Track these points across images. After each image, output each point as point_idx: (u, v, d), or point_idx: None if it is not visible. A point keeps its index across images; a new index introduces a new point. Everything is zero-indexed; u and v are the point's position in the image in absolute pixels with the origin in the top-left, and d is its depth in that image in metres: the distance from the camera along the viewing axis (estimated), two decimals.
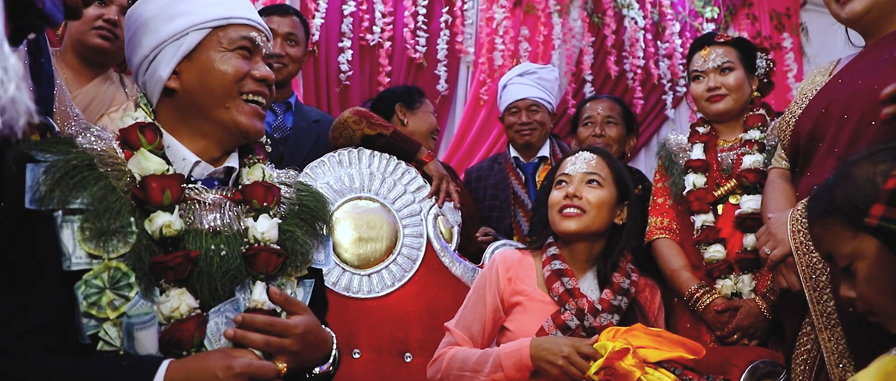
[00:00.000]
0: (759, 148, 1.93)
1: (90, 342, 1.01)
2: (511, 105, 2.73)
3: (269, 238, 1.14)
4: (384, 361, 1.84)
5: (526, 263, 1.68)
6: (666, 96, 4.38)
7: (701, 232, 1.93)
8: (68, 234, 1.01)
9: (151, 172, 1.08)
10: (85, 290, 1.00)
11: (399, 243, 1.97)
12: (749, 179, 1.89)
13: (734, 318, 1.82)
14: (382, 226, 1.96)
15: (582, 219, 1.61)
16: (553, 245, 1.66)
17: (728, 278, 1.88)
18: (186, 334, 1.03)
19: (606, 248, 1.65)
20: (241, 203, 1.17)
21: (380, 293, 1.91)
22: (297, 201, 1.25)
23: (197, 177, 1.16)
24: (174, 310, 1.03)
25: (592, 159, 1.68)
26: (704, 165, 1.99)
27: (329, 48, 3.69)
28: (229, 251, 1.11)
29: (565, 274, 1.60)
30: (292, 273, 1.19)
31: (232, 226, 1.14)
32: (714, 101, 1.99)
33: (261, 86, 1.19)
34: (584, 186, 1.64)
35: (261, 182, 1.19)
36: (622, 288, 1.60)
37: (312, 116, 2.56)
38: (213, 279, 1.09)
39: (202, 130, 1.16)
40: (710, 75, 1.99)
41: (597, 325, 1.54)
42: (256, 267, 1.12)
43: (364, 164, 2.03)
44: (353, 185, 1.99)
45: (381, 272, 1.93)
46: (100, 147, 1.09)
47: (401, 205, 2.00)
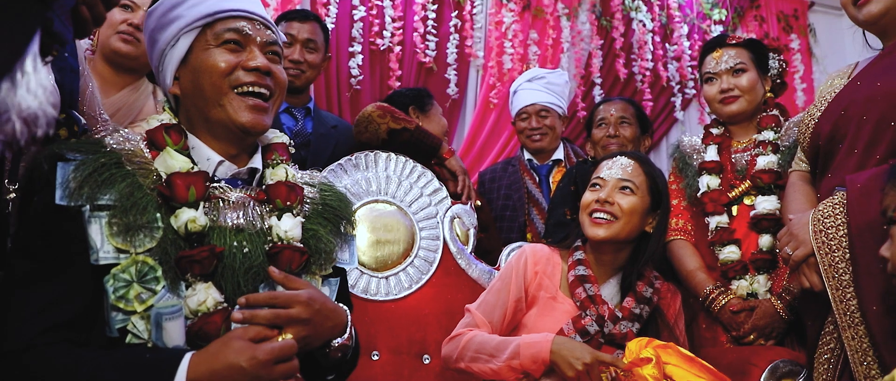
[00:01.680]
0: (773, 149, 1.93)
1: (118, 335, 1.03)
2: (521, 111, 2.78)
3: (292, 237, 1.15)
4: (403, 363, 1.85)
5: (553, 261, 1.68)
6: (675, 98, 4.39)
7: (715, 233, 1.93)
8: (96, 229, 1.03)
9: (177, 169, 1.10)
10: (113, 283, 1.02)
11: (416, 246, 1.98)
12: (764, 179, 1.89)
13: (750, 318, 1.83)
14: (399, 229, 1.98)
15: (611, 226, 1.60)
16: (580, 249, 1.67)
17: (743, 278, 1.88)
18: (213, 327, 1.05)
19: (633, 255, 1.65)
20: (264, 203, 1.18)
21: (397, 296, 1.92)
22: (320, 201, 1.26)
23: (221, 177, 1.18)
24: (201, 304, 1.05)
25: (629, 165, 1.67)
26: (718, 167, 2.00)
27: (340, 53, 3.70)
28: (252, 249, 1.13)
29: (588, 280, 1.60)
30: (317, 272, 1.20)
31: (255, 224, 1.15)
32: (727, 102, 1.99)
33: (254, 76, 1.16)
34: (618, 192, 1.63)
35: (284, 182, 1.20)
36: (644, 297, 1.60)
37: (330, 121, 2.59)
38: (237, 275, 1.10)
39: (212, 131, 1.18)
40: (722, 77, 1.99)
41: (616, 332, 1.55)
42: (280, 265, 1.13)
43: (381, 167, 2.04)
44: (371, 188, 2.00)
45: (398, 275, 1.94)
46: (127, 147, 1.12)
47: (417, 208, 2.02)
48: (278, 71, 1.21)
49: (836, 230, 1.41)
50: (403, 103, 2.39)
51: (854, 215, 1.37)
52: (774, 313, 1.81)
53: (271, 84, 1.19)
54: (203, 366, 0.99)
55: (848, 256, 1.39)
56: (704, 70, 2.05)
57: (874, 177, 1.36)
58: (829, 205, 1.46)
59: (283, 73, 1.23)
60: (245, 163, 1.21)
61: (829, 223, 1.43)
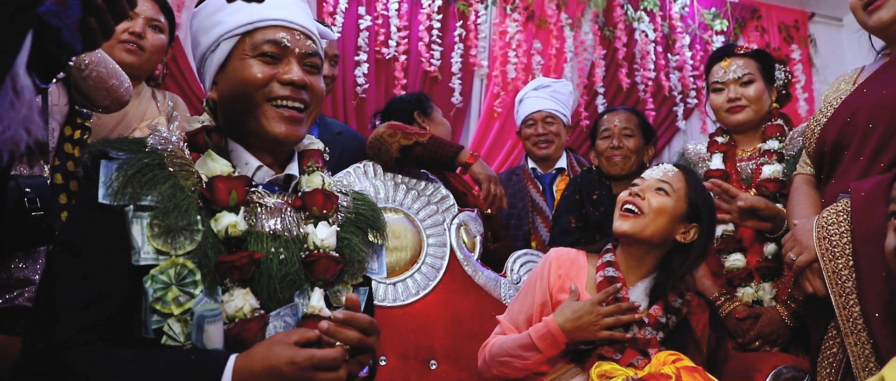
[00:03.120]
0: (778, 158, 1.96)
1: (154, 336, 1.02)
2: (527, 118, 2.81)
3: (328, 245, 1.15)
4: (410, 368, 1.86)
5: (579, 264, 1.69)
6: (677, 108, 4.42)
7: (721, 241, 1.95)
8: (138, 229, 1.04)
9: (218, 173, 1.11)
10: (152, 284, 1.02)
11: (423, 253, 2.00)
12: (769, 188, 1.91)
13: (756, 325, 1.85)
14: (407, 236, 2.00)
15: (636, 221, 1.59)
16: (610, 252, 1.67)
17: (748, 285, 1.90)
18: (250, 334, 1.05)
19: (663, 262, 1.64)
20: (300, 210, 1.18)
21: (405, 302, 1.94)
22: (353, 210, 1.26)
23: (258, 182, 1.18)
24: (238, 310, 1.05)
25: (671, 171, 1.67)
26: (724, 175, 2.02)
27: (345, 62, 3.74)
28: (288, 256, 1.13)
29: (616, 281, 1.60)
30: (349, 281, 1.21)
31: (291, 231, 1.15)
32: (734, 112, 2.01)
33: (289, 89, 1.14)
34: (652, 191, 1.63)
35: (321, 190, 1.20)
36: (672, 307, 1.60)
37: (335, 128, 2.61)
38: (273, 282, 1.10)
39: (247, 139, 1.18)
40: (730, 87, 2.01)
41: (639, 336, 1.55)
42: (315, 274, 1.14)
43: (389, 175, 2.07)
44: (378, 196, 2.02)
45: (405, 281, 1.97)
46: (169, 148, 1.12)
47: (424, 215, 2.04)
48: (316, 82, 1.19)
49: (840, 238, 1.43)
50: (406, 110, 2.41)
51: (858, 223, 1.38)
52: (779, 321, 1.83)
53: (307, 97, 1.17)
54: (246, 369, 0.99)
55: (851, 263, 1.40)
56: (712, 79, 2.07)
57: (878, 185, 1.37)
58: (833, 212, 1.47)
59: (320, 84, 1.21)
60: (281, 169, 1.21)
61: (833, 230, 1.44)
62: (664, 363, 1.43)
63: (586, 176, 2.38)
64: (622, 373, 1.43)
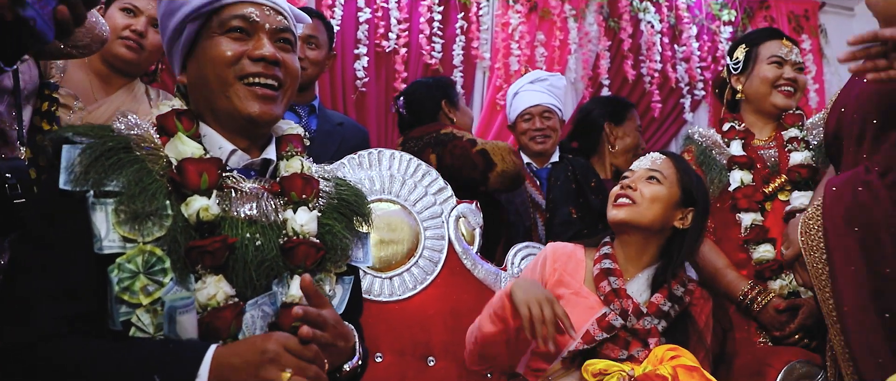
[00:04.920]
0: (805, 145, 1.91)
1: (122, 329, 0.98)
2: (524, 112, 2.73)
3: (308, 231, 1.12)
4: (407, 365, 1.81)
5: (576, 257, 1.66)
6: (684, 100, 4.34)
7: (750, 231, 1.88)
8: (101, 216, 0.99)
9: (188, 156, 1.06)
10: (118, 274, 0.98)
11: (420, 246, 1.94)
12: (802, 174, 1.86)
13: (795, 318, 1.77)
14: (403, 228, 1.94)
15: (631, 209, 1.59)
16: (607, 244, 1.65)
17: (780, 277, 1.83)
18: (223, 322, 1.01)
19: (663, 250, 1.62)
20: (279, 195, 1.14)
21: (401, 296, 1.88)
22: (336, 196, 1.22)
23: (233, 166, 1.14)
24: (211, 297, 1.01)
25: (659, 159, 1.68)
26: (750, 162, 1.95)
27: (345, 55, 3.68)
28: (265, 242, 1.09)
29: (613, 273, 1.58)
30: (331, 269, 1.17)
31: (269, 216, 1.11)
32: (787, 94, 1.96)
33: (261, 66, 1.10)
34: (643, 181, 1.63)
35: (300, 174, 1.16)
36: (675, 295, 1.56)
37: (336, 119, 2.56)
38: (249, 269, 1.06)
39: (221, 122, 1.13)
40: (787, 66, 1.96)
41: (639, 327, 1.50)
42: (295, 261, 1.10)
43: (384, 165, 2.01)
44: (374, 187, 1.97)
45: (402, 275, 1.91)
46: (137, 132, 1.08)
47: (422, 207, 1.98)
48: (289, 60, 1.15)
49: (817, 231, 1.44)
50: (433, 98, 2.33)
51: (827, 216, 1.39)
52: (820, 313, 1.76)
53: (281, 74, 1.13)
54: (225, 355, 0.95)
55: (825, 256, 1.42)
56: (768, 52, 1.99)
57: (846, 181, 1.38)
58: (815, 206, 1.48)
59: (294, 62, 1.17)
60: (258, 154, 1.17)
61: (812, 224, 1.46)
62: (661, 361, 1.37)
63: (578, 163, 2.29)
64: (617, 371, 1.37)
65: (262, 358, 0.92)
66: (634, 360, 1.48)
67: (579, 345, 1.50)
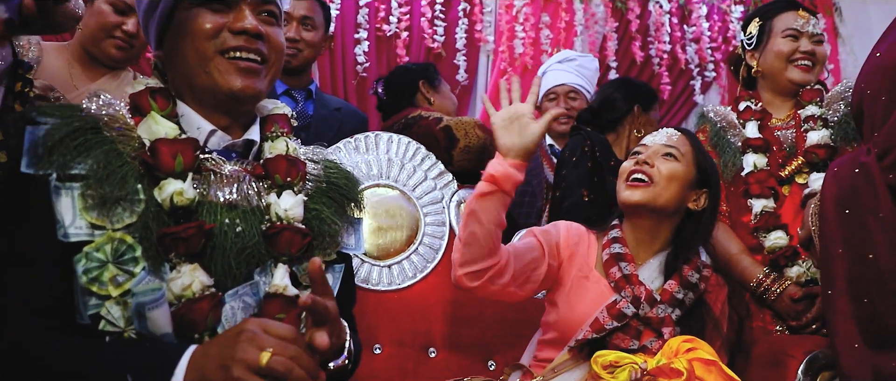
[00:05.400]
0: (823, 123, 1.80)
1: (90, 322, 0.92)
2: (549, 91, 2.69)
3: (292, 216, 1.05)
4: (406, 356, 1.73)
5: (588, 240, 1.57)
6: (694, 82, 4.25)
7: (760, 218, 1.78)
8: (67, 201, 0.93)
9: (162, 136, 0.99)
10: (85, 263, 0.91)
11: (420, 233, 1.86)
12: (820, 155, 1.76)
13: (812, 306, 1.68)
14: (402, 214, 1.86)
15: (648, 190, 1.49)
16: (616, 227, 1.55)
17: (796, 264, 1.74)
18: (199, 314, 0.94)
19: (677, 233, 1.53)
20: (262, 178, 1.08)
21: (401, 285, 1.80)
22: (325, 179, 1.16)
23: (213, 148, 1.07)
24: (186, 288, 0.94)
25: (675, 135, 1.58)
26: (765, 144, 1.85)
27: (345, 39, 3.64)
28: (246, 228, 1.02)
29: (624, 259, 1.48)
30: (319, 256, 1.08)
31: (251, 201, 1.04)
32: (804, 69, 1.85)
33: (243, 39, 1.03)
34: (660, 157, 1.53)
35: (284, 156, 1.09)
36: (689, 282, 1.46)
37: (333, 103, 2.49)
38: (228, 257, 0.99)
39: (200, 100, 1.06)
40: (803, 39, 1.85)
41: (652, 316, 1.42)
42: (279, 248, 1.04)
43: (382, 149, 1.92)
44: (371, 172, 1.88)
45: (401, 263, 1.83)
46: (108, 112, 1.01)
47: (421, 192, 1.90)
48: (274, 34, 1.08)
49: None
50: (412, 79, 2.26)
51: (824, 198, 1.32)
52: None
53: (265, 49, 1.06)
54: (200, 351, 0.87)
55: None
56: (784, 25, 1.88)
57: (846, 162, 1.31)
58: None
59: (279, 36, 1.10)
60: (240, 135, 1.10)
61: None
62: (676, 353, 1.28)
63: (598, 138, 2.15)
64: (629, 363, 1.28)
65: (238, 339, 0.85)
66: (647, 351, 1.39)
67: (588, 334, 1.41)
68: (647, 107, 2.37)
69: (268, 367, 0.82)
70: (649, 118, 2.37)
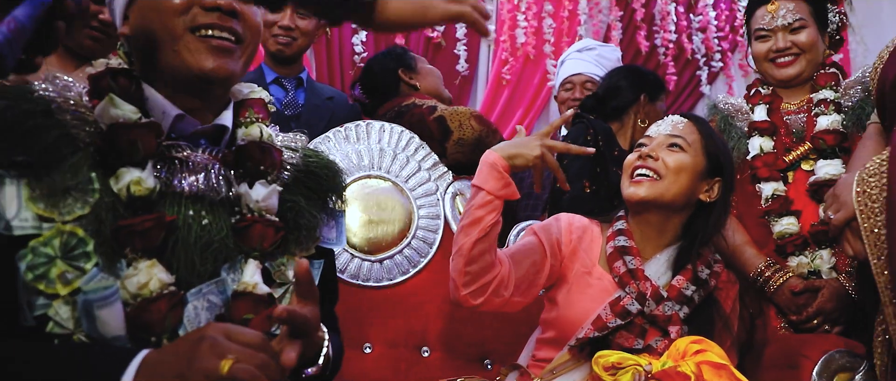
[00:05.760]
0: (835, 108, 1.70)
1: (36, 324, 0.84)
2: (566, 80, 2.66)
3: (265, 208, 0.97)
4: (399, 356, 1.65)
5: (592, 233, 1.47)
6: (700, 72, 4.17)
7: (771, 202, 1.68)
8: (11, 191, 0.84)
9: (120, 120, 0.91)
10: (31, 259, 0.83)
11: (413, 226, 1.77)
12: (827, 141, 1.65)
13: (814, 300, 1.59)
14: (394, 207, 1.78)
15: (654, 185, 1.39)
16: (621, 219, 1.46)
17: (802, 254, 1.65)
18: (156, 315, 0.86)
19: (686, 227, 1.44)
20: (233, 167, 1.00)
21: (393, 281, 1.72)
22: (303, 168, 1.08)
23: (180, 134, 0.99)
24: (142, 286, 0.86)
25: (680, 123, 1.47)
26: (772, 127, 1.76)
27: (342, 29, 3.56)
28: (214, 221, 0.95)
29: (629, 252, 1.39)
30: (295, 251, 1.03)
31: (220, 191, 0.96)
32: (783, 65, 1.76)
33: (215, 16, 0.95)
34: (665, 149, 1.43)
35: (258, 142, 1.01)
36: (699, 278, 1.37)
37: (326, 92, 2.41)
38: (192, 252, 0.91)
39: (167, 82, 0.98)
40: (777, 34, 1.75)
41: (658, 314, 1.33)
42: (249, 242, 0.96)
43: (373, 139, 1.84)
44: (362, 162, 1.80)
45: (394, 258, 1.74)
46: (63, 95, 0.92)
47: (414, 183, 1.81)
48: (249, 13, 1.00)
49: (881, 191, 1.23)
50: (390, 69, 2.16)
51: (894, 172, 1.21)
52: (844, 295, 1.57)
53: (239, 28, 0.98)
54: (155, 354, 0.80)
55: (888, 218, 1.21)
56: (755, 26, 1.80)
57: None
58: (877, 162, 1.27)
59: (255, 15, 1.02)
60: (211, 121, 1.02)
61: (874, 183, 1.24)
62: (684, 356, 1.19)
63: (601, 126, 2.05)
64: (632, 365, 1.20)
65: (198, 345, 0.76)
66: (652, 351, 1.31)
67: (589, 332, 1.33)
68: (654, 96, 2.27)
69: (229, 375, 0.74)
70: (655, 109, 2.28)
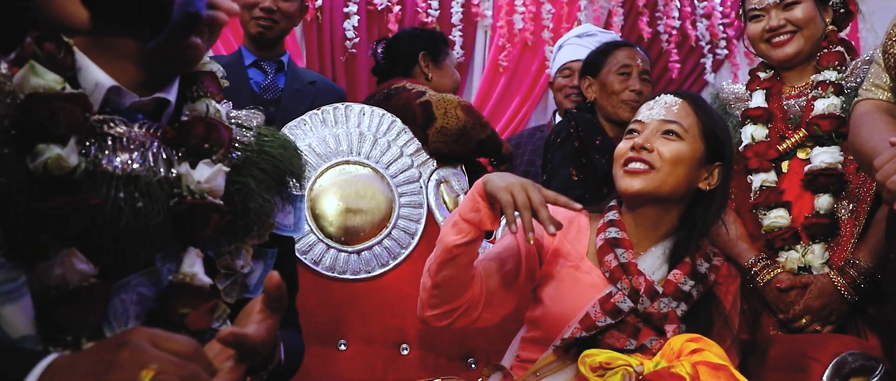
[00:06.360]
0: (835, 90, 1.57)
1: None
2: (563, 66, 2.56)
3: (208, 189, 0.87)
4: (375, 354, 1.55)
5: (579, 225, 1.35)
6: (705, 59, 4.02)
7: (760, 194, 1.58)
8: None
9: (41, 90, 0.80)
10: None
11: (394, 215, 1.66)
12: (823, 127, 1.53)
13: (802, 297, 1.49)
14: (374, 195, 1.67)
15: (649, 177, 1.27)
16: (613, 209, 1.34)
17: (793, 249, 1.54)
18: (73, 312, 0.77)
19: (684, 217, 1.32)
20: (174, 145, 0.89)
21: (371, 274, 1.62)
22: (256, 148, 0.98)
23: (116, 108, 0.88)
24: (57, 278, 0.76)
25: (675, 104, 1.33)
26: (766, 115, 1.64)
27: (333, 13, 3.44)
28: (149, 204, 0.84)
29: (621, 245, 1.27)
30: (245, 239, 0.93)
31: (157, 171, 0.86)
32: (778, 45, 1.63)
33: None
34: (659, 136, 1.29)
35: (203, 118, 0.91)
36: (698, 272, 1.26)
37: (308, 77, 2.34)
38: (121, 238, 0.81)
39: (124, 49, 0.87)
40: (770, 12, 1.63)
41: (653, 311, 1.21)
42: (190, 227, 0.86)
43: (352, 122, 1.72)
44: (340, 147, 1.69)
45: (372, 249, 1.64)
46: None
47: (396, 170, 1.70)
48: None
49: None
50: (413, 48, 2.05)
51: None
52: (833, 292, 1.46)
53: None
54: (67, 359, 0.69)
55: None
56: (748, 6, 1.69)
57: None
58: None
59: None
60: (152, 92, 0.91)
61: None
62: (679, 355, 1.08)
63: (582, 118, 1.98)
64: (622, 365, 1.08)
65: (118, 352, 0.66)
66: (646, 351, 1.19)
67: (577, 332, 1.21)
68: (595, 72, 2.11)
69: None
70: None
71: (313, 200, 1.63)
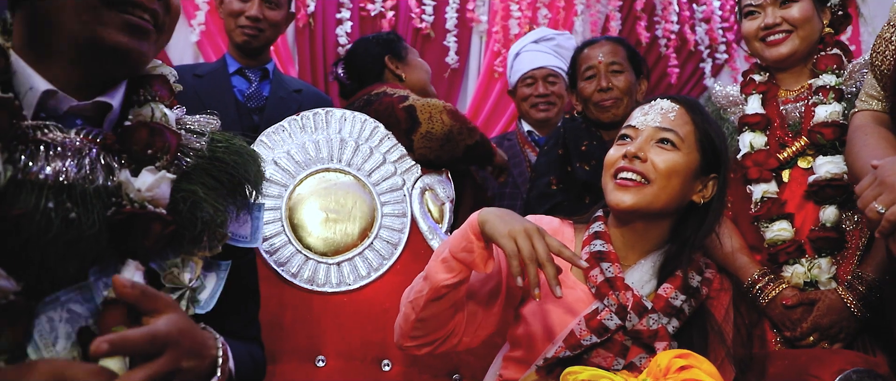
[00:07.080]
0: (836, 96, 1.50)
1: None
2: (526, 75, 2.44)
3: (149, 198, 0.83)
4: (355, 370, 1.48)
5: (563, 236, 1.27)
6: (704, 64, 3.97)
7: (761, 205, 1.50)
8: None
9: None
10: None
11: (376, 224, 1.60)
12: (826, 135, 1.46)
13: (810, 314, 1.42)
14: (356, 203, 1.60)
15: (642, 191, 1.18)
16: (599, 220, 1.26)
17: (798, 263, 1.46)
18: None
19: (674, 231, 1.24)
20: (116, 151, 0.85)
21: (352, 286, 1.55)
22: (207, 154, 0.93)
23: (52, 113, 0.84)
24: None
25: (671, 111, 1.24)
26: (764, 121, 1.57)
27: (326, 19, 3.40)
28: (84, 214, 0.79)
29: (607, 258, 1.19)
30: (195, 251, 0.88)
31: (94, 178, 0.81)
32: (773, 43, 1.57)
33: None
34: (653, 145, 1.21)
35: (147, 123, 0.87)
36: (690, 287, 1.18)
37: (293, 85, 2.29)
38: (49, 252, 0.76)
39: (59, 49, 0.85)
40: (767, 9, 1.57)
41: (642, 328, 1.14)
42: (128, 238, 0.81)
43: (333, 128, 1.66)
44: (320, 154, 1.63)
45: (353, 260, 1.57)
46: None
47: (379, 178, 1.64)
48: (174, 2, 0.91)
49: None
50: (376, 54, 2.01)
51: None
52: (842, 308, 1.39)
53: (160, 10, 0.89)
54: None
55: None
56: (744, 1, 1.63)
57: None
58: None
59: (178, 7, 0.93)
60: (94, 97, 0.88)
61: None
62: (666, 373, 1.00)
63: (571, 125, 1.93)
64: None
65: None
66: (634, 369, 1.12)
67: (560, 350, 1.14)
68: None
69: None
70: None
71: (292, 209, 1.57)
